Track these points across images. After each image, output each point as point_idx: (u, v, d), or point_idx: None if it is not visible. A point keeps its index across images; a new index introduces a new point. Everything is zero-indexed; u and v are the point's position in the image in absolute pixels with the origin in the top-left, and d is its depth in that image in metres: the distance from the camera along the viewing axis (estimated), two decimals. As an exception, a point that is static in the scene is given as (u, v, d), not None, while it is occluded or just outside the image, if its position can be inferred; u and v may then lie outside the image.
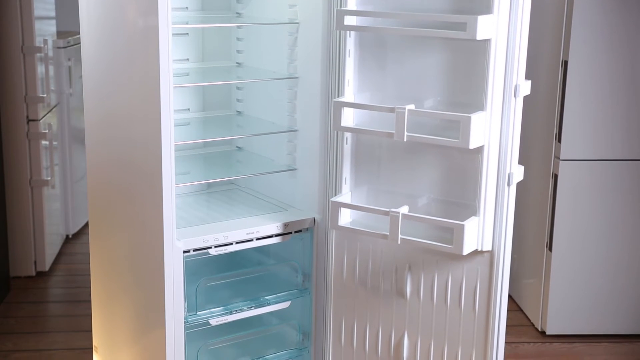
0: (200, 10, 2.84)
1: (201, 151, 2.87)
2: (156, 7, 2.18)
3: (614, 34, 3.23)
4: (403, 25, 2.32)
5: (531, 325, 3.58)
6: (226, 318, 2.49)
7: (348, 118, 2.41)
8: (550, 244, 3.41)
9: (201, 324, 2.45)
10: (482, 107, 2.20)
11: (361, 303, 2.56)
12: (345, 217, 2.49)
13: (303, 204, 2.67)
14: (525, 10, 2.18)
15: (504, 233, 2.29)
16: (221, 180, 2.87)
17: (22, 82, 3.85)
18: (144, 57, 2.27)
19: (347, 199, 2.51)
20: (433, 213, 2.36)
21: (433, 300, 2.42)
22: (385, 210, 2.34)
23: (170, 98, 2.24)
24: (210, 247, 2.42)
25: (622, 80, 3.27)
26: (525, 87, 2.23)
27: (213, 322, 2.47)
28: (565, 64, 3.25)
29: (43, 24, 4.05)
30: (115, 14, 2.39)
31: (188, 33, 2.83)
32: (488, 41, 2.16)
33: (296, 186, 2.70)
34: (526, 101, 2.30)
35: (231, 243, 2.46)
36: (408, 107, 2.24)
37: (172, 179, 2.29)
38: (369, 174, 2.50)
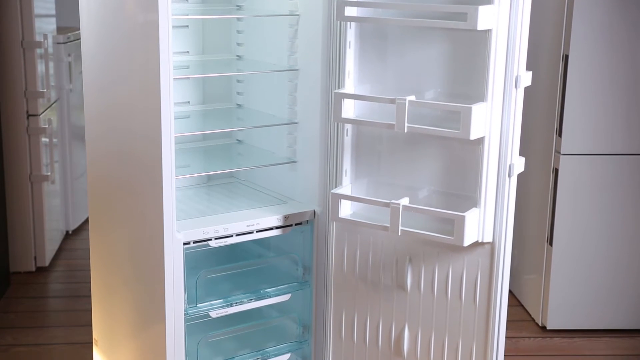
0: (200, 2, 2.84)
1: (201, 144, 2.87)
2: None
3: (615, 29, 3.22)
4: (403, 15, 2.32)
5: (532, 320, 3.57)
6: (226, 310, 2.49)
7: (348, 110, 2.40)
8: (550, 239, 3.40)
9: (201, 317, 2.45)
10: (483, 98, 2.20)
11: (361, 295, 2.56)
12: (345, 209, 2.48)
13: (303, 197, 2.66)
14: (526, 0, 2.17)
15: (505, 224, 2.28)
16: (221, 172, 2.87)
17: (22, 77, 3.84)
18: (144, 50, 2.27)
19: (348, 191, 2.50)
20: (434, 205, 2.36)
21: (433, 292, 2.41)
22: (385, 201, 2.34)
23: (170, 90, 2.23)
24: (210, 239, 2.42)
25: (623, 74, 3.26)
26: (526, 78, 2.22)
27: (213, 315, 2.46)
28: (565, 58, 3.25)
29: (43, 20, 4.04)
30: (115, 6, 2.39)
31: (188, 25, 2.83)
32: (489, 31, 2.16)
33: (296, 178, 2.69)
34: (527, 95, 2.30)
35: (231, 235, 2.46)
36: (409, 98, 2.24)
37: (172, 172, 2.28)
38: (370, 166, 2.49)
